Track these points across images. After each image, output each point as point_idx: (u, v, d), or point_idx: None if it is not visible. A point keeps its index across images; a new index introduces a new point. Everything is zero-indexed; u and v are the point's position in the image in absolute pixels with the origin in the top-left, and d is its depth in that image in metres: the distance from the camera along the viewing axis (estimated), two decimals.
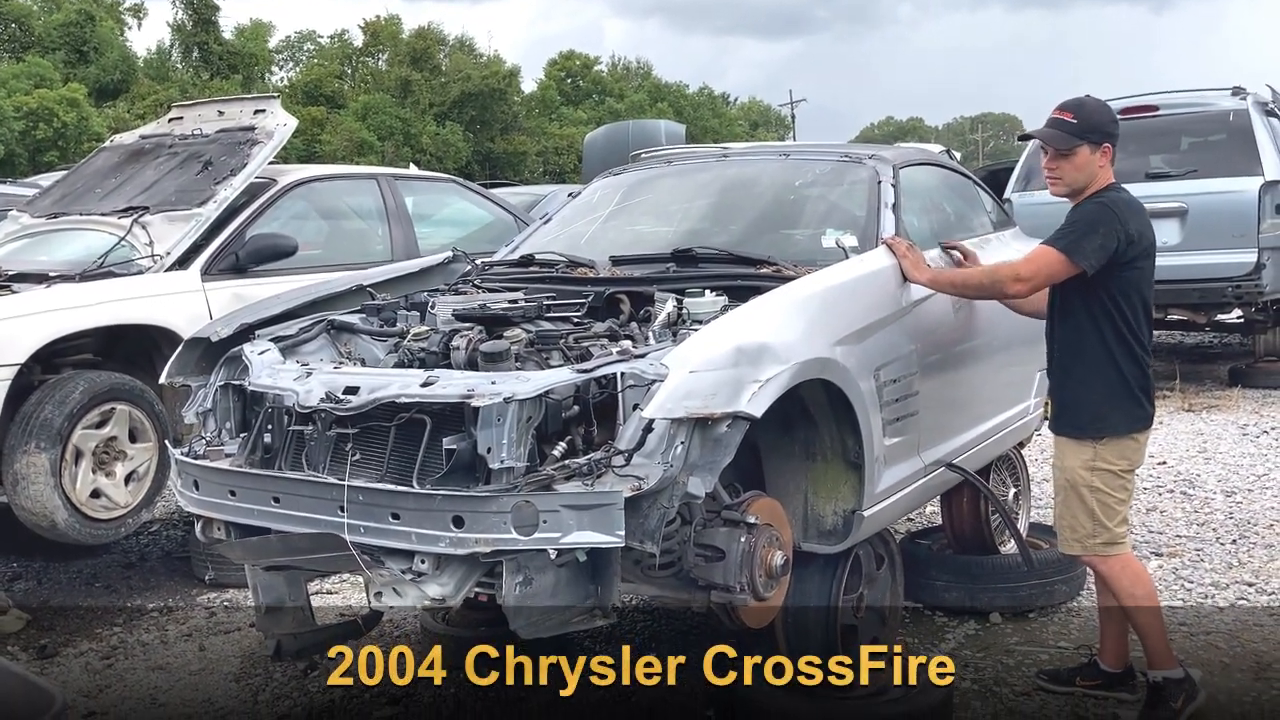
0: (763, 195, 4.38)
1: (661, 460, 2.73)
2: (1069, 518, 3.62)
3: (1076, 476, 3.56)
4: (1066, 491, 3.60)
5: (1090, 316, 3.51)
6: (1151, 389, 3.63)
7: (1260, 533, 5.54)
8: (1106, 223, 3.45)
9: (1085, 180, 3.54)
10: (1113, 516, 3.56)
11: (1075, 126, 3.51)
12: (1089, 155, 3.51)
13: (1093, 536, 3.57)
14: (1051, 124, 3.57)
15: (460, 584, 2.79)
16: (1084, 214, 3.51)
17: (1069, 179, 3.55)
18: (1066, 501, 3.61)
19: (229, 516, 3.12)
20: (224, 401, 3.40)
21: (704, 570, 2.97)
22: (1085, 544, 3.59)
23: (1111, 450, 3.54)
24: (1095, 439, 3.54)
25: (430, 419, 2.86)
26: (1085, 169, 3.52)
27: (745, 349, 2.92)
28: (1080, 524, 3.58)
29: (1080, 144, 3.50)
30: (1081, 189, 3.55)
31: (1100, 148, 3.52)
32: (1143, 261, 3.52)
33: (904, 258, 3.72)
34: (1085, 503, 3.55)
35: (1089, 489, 3.54)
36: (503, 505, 2.66)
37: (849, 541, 3.43)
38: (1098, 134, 3.52)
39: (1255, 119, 8.60)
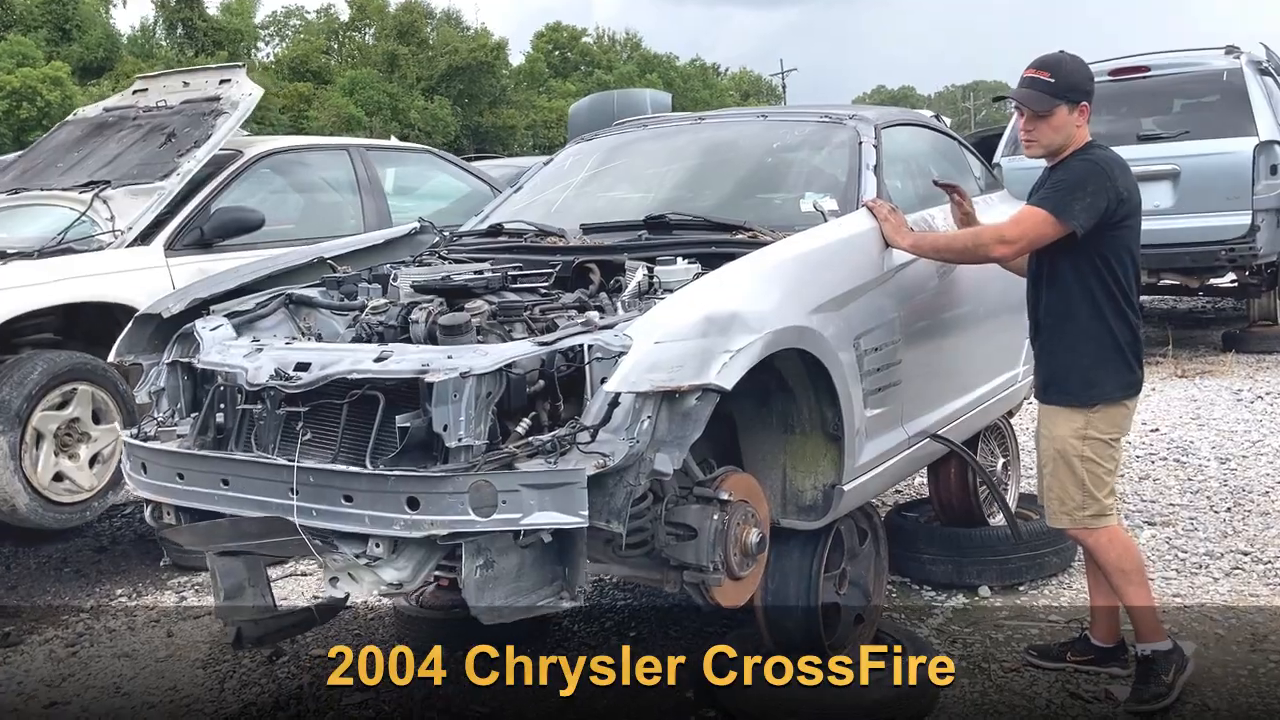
0: (740, 159, 4.23)
1: (627, 436, 2.59)
2: (1058, 489, 3.48)
3: (1067, 446, 3.42)
4: (1056, 462, 3.47)
5: (1080, 279, 3.37)
6: (1142, 353, 3.51)
7: (1255, 500, 5.43)
8: (1096, 180, 3.31)
9: (1063, 141, 3.39)
10: (1102, 487, 3.44)
11: (1053, 86, 3.35)
12: (1067, 115, 3.36)
13: (1082, 509, 3.44)
14: (1027, 84, 3.40)
15: (418, 568, 2.66)
16: (1071, 172, 3.36)
17: (1046, 140, 3.40)
18: (1056, 473, 3.48)
19: (177, 500, 2.98)
20: (174, 380, 3.25)
21: (676, 549, 2.84)
22: (1074, 516, 3.46)
23: (1103, 418, 3.41)
24: (1088, 406, 3.40)
25: (384, 396, 2.71)
26: (1063, 129, 3.37)
27: (715, 318, 2.78)
28: (1070, 496, 3.45)
29: (1059, 104, 3.34)
30: (1059, 150, 3.41)
31: (1078, 106, 3.37)
32: (1132, 219, 3.39)
33: (885, 221, 3.57)
34: (1076, 473, 3.42)
35: (1080, 459, 3.41)
36: (459, 485, 2.52)
37: (829, 517, 3.30)
38: (1076, 92, 3.37)
39: (1249, 78, 8.44)
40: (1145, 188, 8.30)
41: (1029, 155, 3.51)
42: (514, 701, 3.55)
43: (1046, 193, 3.39)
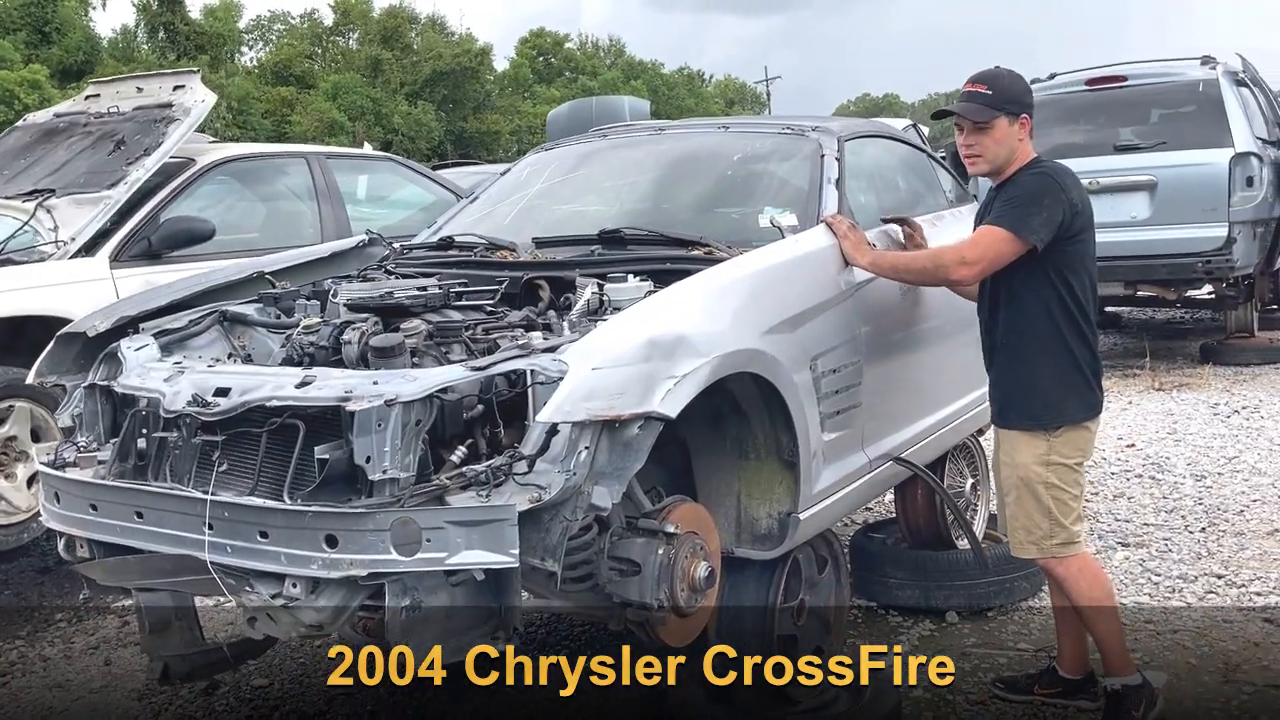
0: (699, 171, 4.09)
1: (563, 468, 2.44)
2: (1023, 518, 3.35)
3: (1030, 473, 3.30)
4: (1019, 490, 3.33)
5: (1037, 297, 3.26)
6: (1101, 372, 3.39)
7: (1230, 519, 5.31)
8: (1050, 192, 3.21)
9: (1006, 155, 3.30)
10: (1069, 514, 3.31)
11: (990, 98, 3.27)
12: (1007, 128, 3.27)
13: (1050, 537, 3.31)
14: (965, 98, 3.33)
15: (339, 610, 2.50)
16: (1022, 187, 3.26)
17: (990, 154, 3.30)
18: (1020, 501, 3.34)
19: (89, 533, 2.81)
20: (93, 403, 3.08)
21: (619, 585, 2.69)
22: (1042, 545, 3.33)
23: (1065, 442, 3.29)
24: (1050, 430, 3.28)
25: (304, 424, 2.56)
26: (1005, 142, 3.28)
27: (659, 341, 2.63)
28: (1036, 524, 3.32)
29: (998, 115, 3.26)
30: (1003, 165, 3.32)
31: (1019, 119, 3.29)
32: (1086, 232, 3.29)
33: (844, 238, 3.44)
34: (1041, 501, 3.29)
35: (1044, 485, 3.28)
36: (380, 523, 2.37)
37: (785, 546, 3.16)
38: (1015, 104, 3.29)
39: (1225, 89, 8.35)
40: (1122, 198, 8.32)
41: (973, 173, 3.43)
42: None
43: (1001, 210, 3.27)
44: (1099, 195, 7.06)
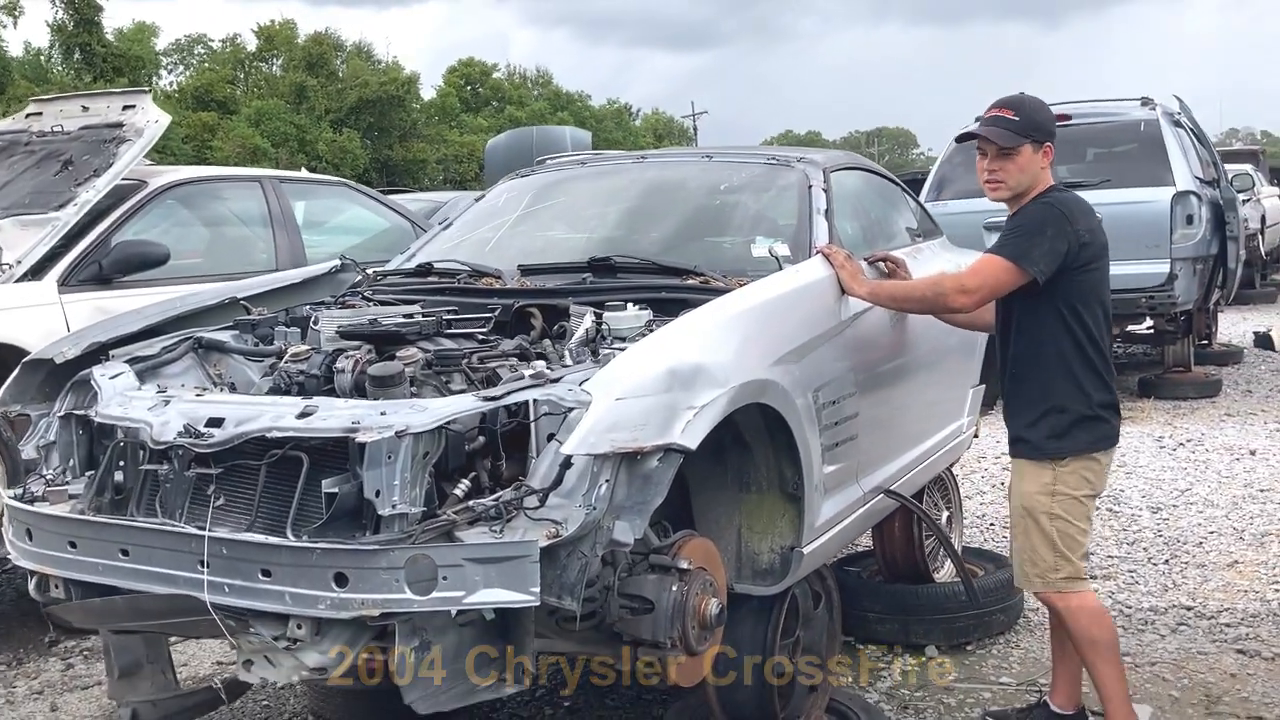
0: (685, 200, 4.03)
1: (583, 502, 2.34)
2: (1028, 550, 3.31)
3: (1035, 503, 3.27)
4: (1025, 520, 3.31)
5: (1045, 327, 3.24)
6: (1116, 403, 3.35)
7: (1190, 551, 5.37)
8: (1055, 223, 3.19)
9: (1028, 182, 3.28)
10: (1075, 548, 3.28)
11: (1018, 124, 3.26)
12: (1031, 155, 3.26)
13: (1054, 570, 3.27)
14: (991, 121, 3.31)
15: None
16: (1028, 216, 3.25)
17: (1012, 181, 3.28)
18: (1025, 531, 3.31)
19: (68, 572, 2.63)
20: (67, 434, 2.91)
21: (630, 624, 2.58)
22: (1046, 579, 3.29)
23: (1072, 473, 3.26)
24: (1055, 460, 3.26)
25: (308, 457, 2.42)
26: (1028, 169, 3.27)
27: (678, 371, 2.55)
28: (1041, 556, 3.28)
29: (1024, 142, 3.24)
30: (1024, 192, 3.30)
31: (1042, 147, 3.28)
32: (1097, 263, 3.27)
33: (842, 268, 3.41)
34: (1045, 532, 3.26)
35: (1049, 516, 3.25)
36: (394, 560, 2.24)
37: (787, 581, 3.09)
38: (1040, 132, 3.28)
39: (1165, 129, 8.57)
40: None
41: (994, 198, 3.36)
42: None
43: (1005, 239, 3.27)
44: None
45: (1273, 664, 4.07)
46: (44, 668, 4.39)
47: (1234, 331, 12.60)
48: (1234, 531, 5.63)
